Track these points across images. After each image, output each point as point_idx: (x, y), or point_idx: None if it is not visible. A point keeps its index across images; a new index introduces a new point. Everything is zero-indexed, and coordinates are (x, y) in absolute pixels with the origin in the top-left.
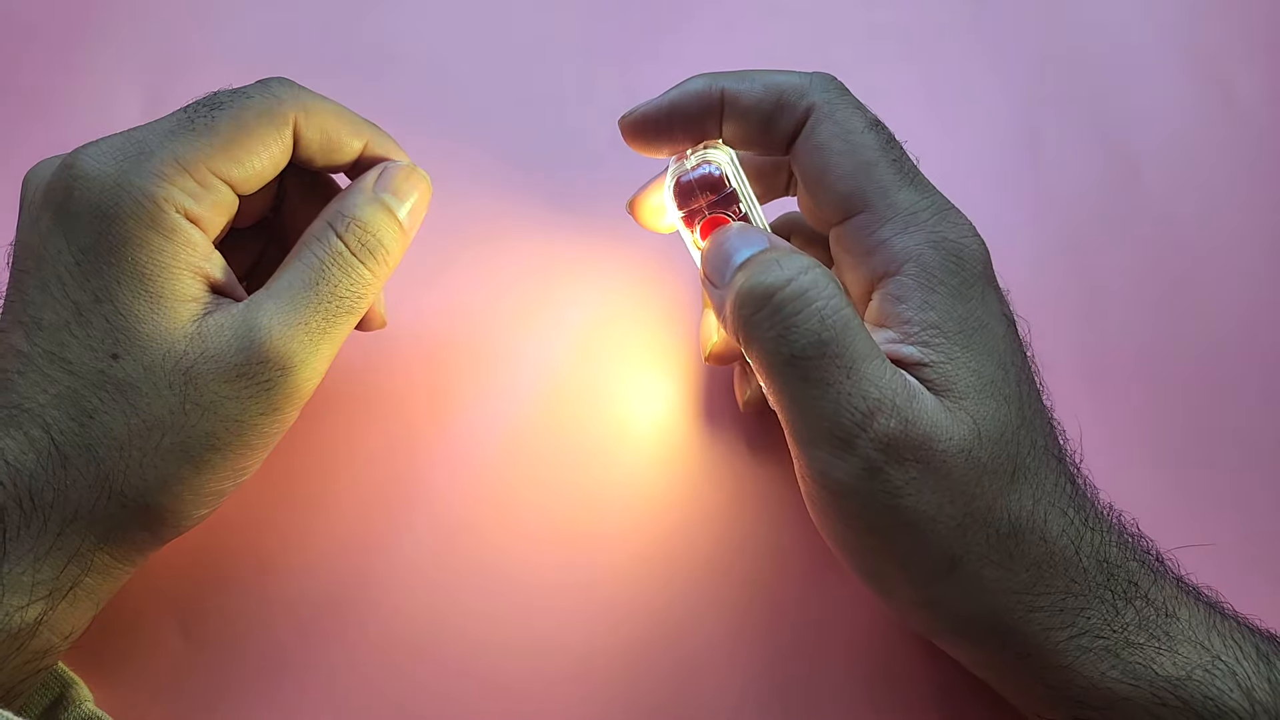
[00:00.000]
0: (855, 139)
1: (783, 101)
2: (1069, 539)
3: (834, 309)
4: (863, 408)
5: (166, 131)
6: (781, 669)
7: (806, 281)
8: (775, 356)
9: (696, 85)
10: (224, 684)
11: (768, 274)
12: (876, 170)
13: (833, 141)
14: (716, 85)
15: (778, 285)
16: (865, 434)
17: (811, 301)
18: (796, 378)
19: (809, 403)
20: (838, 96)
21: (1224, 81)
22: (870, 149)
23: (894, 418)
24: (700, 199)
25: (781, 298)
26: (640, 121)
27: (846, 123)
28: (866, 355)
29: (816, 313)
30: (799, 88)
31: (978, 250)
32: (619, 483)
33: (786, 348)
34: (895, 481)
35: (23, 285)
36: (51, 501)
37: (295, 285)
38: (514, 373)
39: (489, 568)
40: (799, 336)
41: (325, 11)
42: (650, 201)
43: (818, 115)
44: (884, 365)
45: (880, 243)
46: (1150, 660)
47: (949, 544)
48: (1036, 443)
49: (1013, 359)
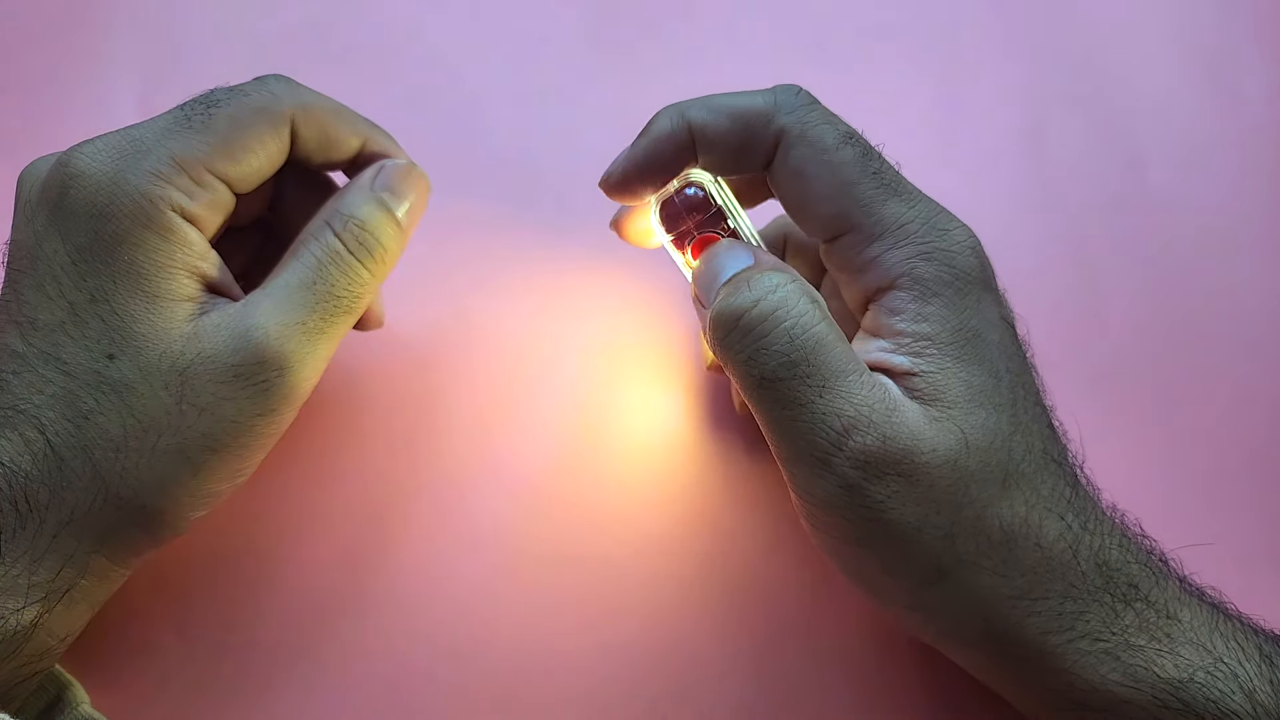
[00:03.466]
0: (831, 158)
1: (750, 131)
2: (1066, 543)
3: (804, 327)
4: (837, 426)
5: (163, 130)
6: (782, 670)
7: (775, 300)
8: (748, 379)
9: (664, 126)
10: (221, 686)
11: (736, 296)
12: (858, 188)
13: (808, 165)
14: (682, 121)
15: (745, 307)
16: (841, 453)
17: (780, 322)
18: (770, 399)
19: (784, 423)
20: (807, 113)
21: (1231, 79)
22: (848, 166)
23: (871, 434)
24: (687, 220)
25: (749, 320)
26: (622, 180)
27: (819, 142)
28: (841, 372)
29: (785, 333)
30: (764, 113)
31: (971, 256)
32: (619, 483)
33: (757, 370)
34: (876, 496)
35: (18, 284)
36: (47, 503)
37: (292, 284)
38: (513, 373)
39: (488, 568)
40: (768, 358)
41: (324, 9)
42: (635, 224)
43: (788, 139)
44: (860, 381)
45: (871, 260)
46: (1151, 662)
47: (936, 554)
48: (1032, 447)
49: (1008, 365)
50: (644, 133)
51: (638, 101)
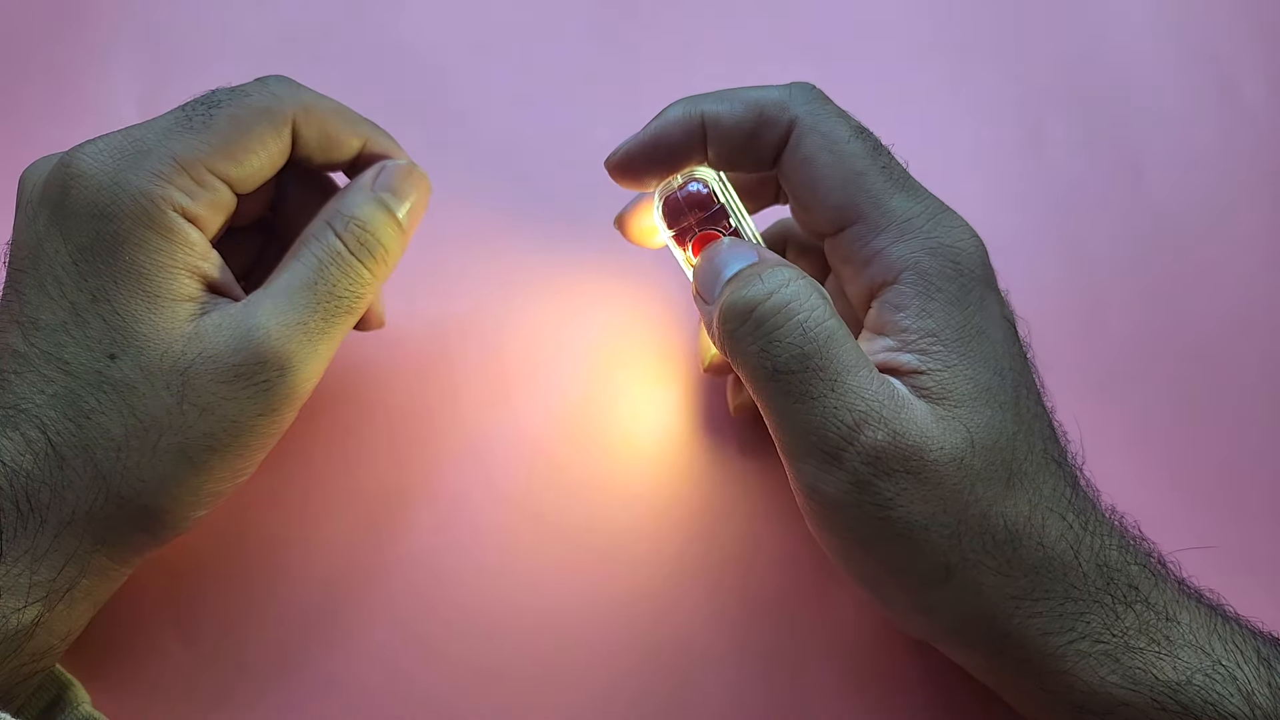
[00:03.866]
0: (842, 149)
1: (764, 118)
2: (1068, 543)
3: (816, 321)
4: (848, 420)
5: (164, 130)
6: (781, 671)
7: (788, 294)
8: (759, 371)
9: (676, 113)
10: (221, 686)
11: (749, 288)
12: (866, 179)
13: (819, 154)
14: (696, 110)
15: (758, 299)
16: (852, 447)
17: (793, 314)
18: (780, 392)
19: (794, 417)
20: (820, 107)
21: (1229, 81)
22: (858, 158)
23: (881, 429)
24: (690, 217)
25: (762, 311)
26: (626, 159)
27: (831, 134)
28: (852, 367)
29: (798, 326)
30: (779, 102)
31: (975, 254)
32: (618, 484)
33: (769, 362)
34: (885, 493)
35: (20, 284)
36: (48, 502)
37: (293, 285)
38: (514, 373)
39: (489, 568)
40: (781, 350)
41: (325, 9)
42: (639, 221)
43: (801, 129)
44: (871, 376)
45: (876, 252)
46: (1150, 665)
47: (943, 552)
48: (1034, 447)
49: (1011, 364)
50: (655, 119)
51: (642, 102)
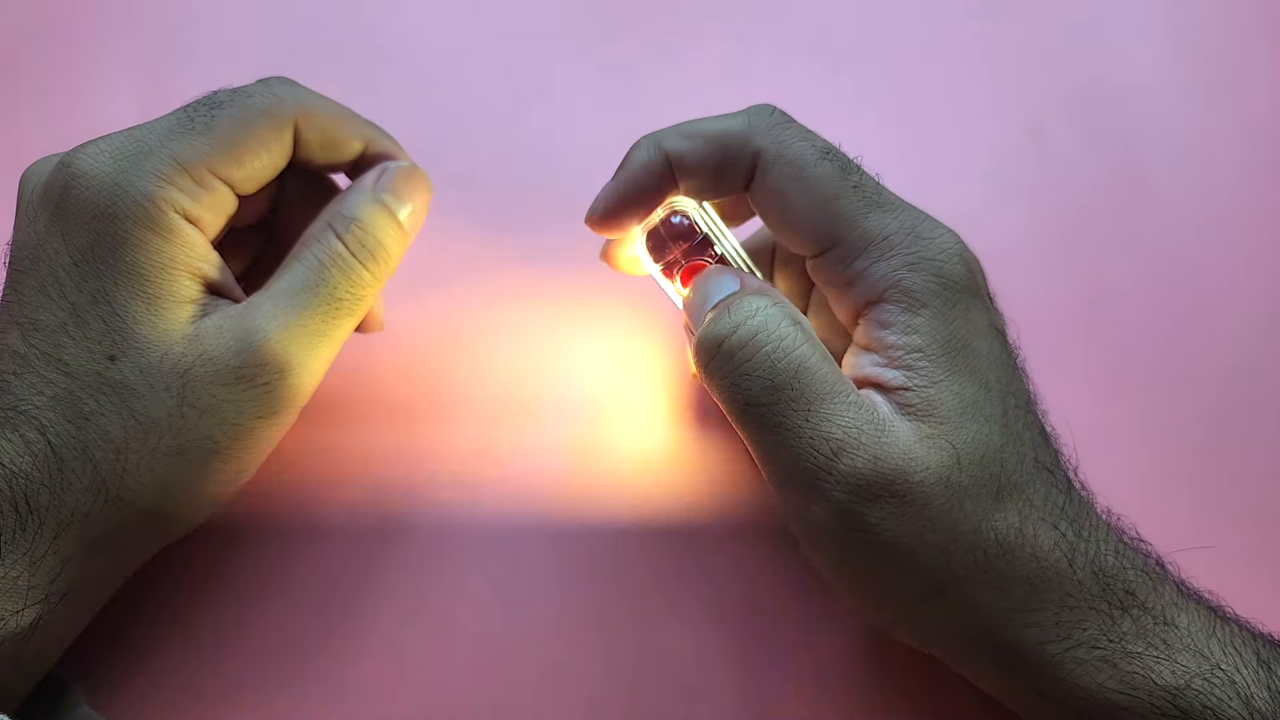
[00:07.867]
0: (810, 174)
1: (727, 154)
2: (1061, 552)
3: (785, 351)
4: (825, 450)
5: (166, 131)
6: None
7: (755, 325)
8: (733, 405)
9: (641, 157)
10: (221, 687)
11: (716, 323)
12: (839, 202)
13: (788, 184)
14: (659, 151)
15: (725, 333)
16: (831, 476)
17: (760, 346)
18: (755, 424)
19: (772, 449)
20: (783, 131)
21: (1234, 83)
22: (828, 181)
23: (860, 456)
24: (674, 249)
25: (729, 345)
26: (605, 213)
27: (798, 159)
28: (826, 395)
29: (766, 358)
30: (740, 134)
31: (959, 263)
32: (618, 485)
33: (740, 395)
34: (869, 519)
35: (20, 285)
36: (47, 504)
37: (294, 286)
38: (514, 375)
39: (489, 570)
40: (751, 384)
41: (326, 10)
42: (625, 254)
43: (766, 158)
44: (847, 402)
45: (857, 274)
46: (1148, 669)
47: (933, 572)
48: (1024, 457)
49: (998, 375)
50: (622, 166)
51: (641, 103)
